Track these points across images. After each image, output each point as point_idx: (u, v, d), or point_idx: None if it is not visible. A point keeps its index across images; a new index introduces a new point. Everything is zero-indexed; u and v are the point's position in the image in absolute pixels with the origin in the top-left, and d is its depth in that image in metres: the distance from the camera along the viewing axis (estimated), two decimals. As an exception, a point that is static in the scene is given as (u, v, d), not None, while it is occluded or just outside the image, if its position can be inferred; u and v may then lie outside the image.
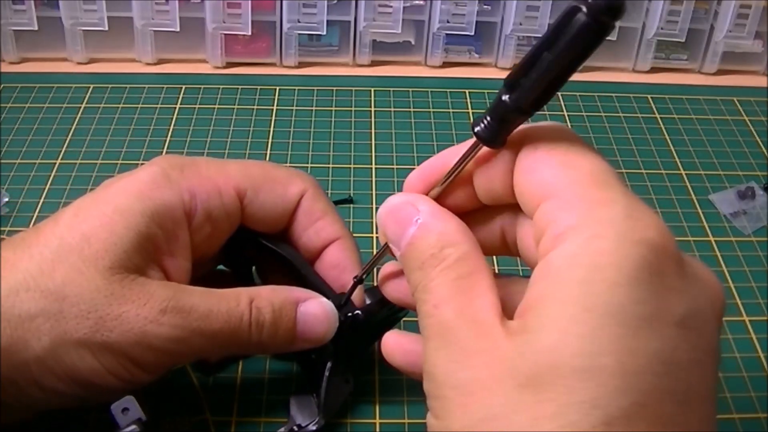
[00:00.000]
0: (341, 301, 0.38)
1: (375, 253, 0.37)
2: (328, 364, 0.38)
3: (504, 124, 0.27)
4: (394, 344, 0.32)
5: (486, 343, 0.25)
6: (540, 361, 0.23)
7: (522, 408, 0.23)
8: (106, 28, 0.63)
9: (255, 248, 0.40)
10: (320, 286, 0.38)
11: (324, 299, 0.37)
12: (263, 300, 0.36)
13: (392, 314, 0.40)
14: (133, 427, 0.32)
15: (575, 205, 0.25)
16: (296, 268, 0.39)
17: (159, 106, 0.61)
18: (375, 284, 0.45)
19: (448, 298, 0.27)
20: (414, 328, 0.44)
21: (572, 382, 0.23)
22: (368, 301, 0.39)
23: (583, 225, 0.25)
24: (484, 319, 0.26)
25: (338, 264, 0.39)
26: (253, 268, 0.43)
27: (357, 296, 0.38)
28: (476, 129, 0.28)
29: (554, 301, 0.24)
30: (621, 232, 0.24)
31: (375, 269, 0.47)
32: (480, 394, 0.24)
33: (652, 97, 0.65)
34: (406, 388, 0.42)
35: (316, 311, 0.37)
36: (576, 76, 0.26)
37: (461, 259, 0.27)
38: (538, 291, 0.25)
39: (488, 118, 0.27)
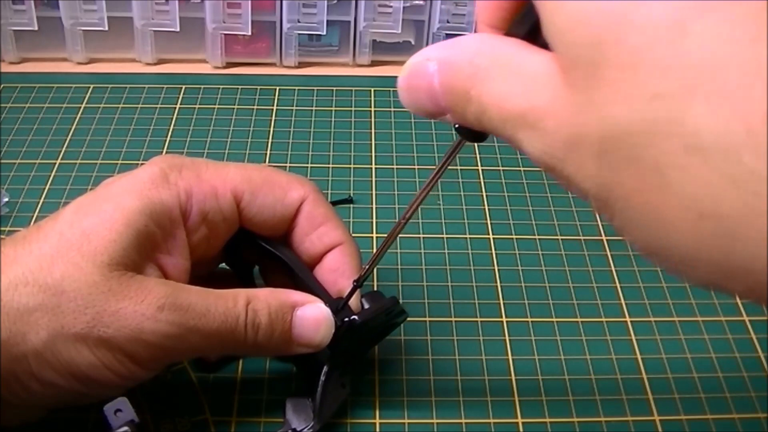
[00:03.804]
0: (339, 306, 0.38)
1: (373, 254, 0.37)
2: (325, 368, 0.38)
3: None
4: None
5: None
6: None
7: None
8: (106, 28, 0.63)
9: (255, 251, 0.40)
10: (318, 291, 0.38)
11: (322, 304, 0.37)
12: (260, 302, 0.36)
13: (390, 319, 0.40)
14: (125, 428, 0.32)
15: None
16: (294, 272, 0.39)
17: (159, 106, 0.61)
18: (375, 289, 0.45)
19: (504, 87, 0.24)
20: (413, 330, 0.44)
21: None
22: (366, 306, 0.39)
23: None
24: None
25: (337, 268, 0.39)
26: (256, 269, 0.43)
27: (353, 301, 0.38)
28: (457, 125, 0.28)
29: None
30: None
31: (375, 274, 0.47)
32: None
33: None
34: (406, 388, 0.42)
35: (313, 316, 0.37)
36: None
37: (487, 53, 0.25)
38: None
39: None
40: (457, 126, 0.28)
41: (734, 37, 0.19)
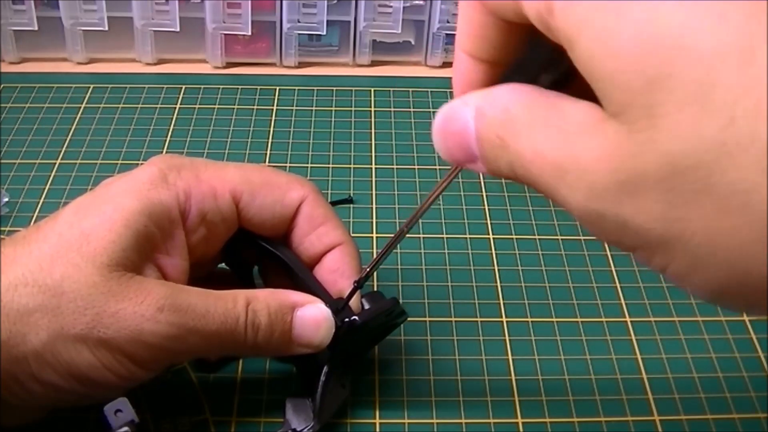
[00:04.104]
0: (339, 307, 0.38)
1: (375, 256, 0.37)
2: (325, 369, 0.38)
3: None
4: None
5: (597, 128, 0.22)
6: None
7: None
8: (106, 28, 0.63)
9: (254, 251, 0.40)
10: (318, 291, 0.38)
11: (322, 304, 0.37)
12: (260, 303, 0.36)
13: (390, 320, 0.40)
14: (125, 429, 0.32)
15: None
16: (294, 272, 0.39)
17: (159, 106, 0.61)
18: (375, 289, 0.45)
19: (542, 138, 0.23)
20: (413, 330, 0.44)
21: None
22: (367, 306, 0.39)
23: None
24: (581, 116, 0.23)
25: (337, 269, 0.39)
26: (255, 269, 0.43)
27: (354, 302, 0.38)
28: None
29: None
30: None
31: (375, 274, 0.47)
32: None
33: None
34: (406, 388, 0.42)
35: (312, 316, 0.37)
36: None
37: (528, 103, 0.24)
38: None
39: None
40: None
41: None
